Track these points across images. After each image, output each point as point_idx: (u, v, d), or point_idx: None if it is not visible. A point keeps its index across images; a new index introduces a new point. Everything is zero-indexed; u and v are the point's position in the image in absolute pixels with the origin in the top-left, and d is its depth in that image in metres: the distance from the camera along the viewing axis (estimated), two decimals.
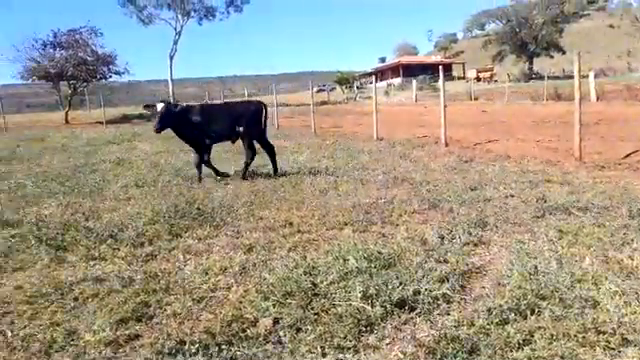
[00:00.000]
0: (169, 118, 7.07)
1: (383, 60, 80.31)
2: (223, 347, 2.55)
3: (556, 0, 55.69)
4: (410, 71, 60.59)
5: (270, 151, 7.88)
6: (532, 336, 2.47)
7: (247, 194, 6.09)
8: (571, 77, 8.72)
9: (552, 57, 56.09)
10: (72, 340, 2.70)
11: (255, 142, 7.70)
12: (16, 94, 61.39)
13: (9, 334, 2.84)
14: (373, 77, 16.47)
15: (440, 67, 12.32)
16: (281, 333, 2.72)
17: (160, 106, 7.10)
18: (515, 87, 40.44)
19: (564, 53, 54.10)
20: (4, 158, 11.59)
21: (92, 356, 2.54)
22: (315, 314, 2.91)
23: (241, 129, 7.45)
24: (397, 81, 62.22)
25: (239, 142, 7.64)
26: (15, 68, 37.20)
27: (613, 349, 2.35)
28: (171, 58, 49.55)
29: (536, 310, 2.74)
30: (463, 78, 57.79)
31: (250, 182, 7.04)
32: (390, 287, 3.06)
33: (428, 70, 55.68)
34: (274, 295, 3.14)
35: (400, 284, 3.13)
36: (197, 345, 2.55)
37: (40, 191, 6.95)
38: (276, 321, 2.85)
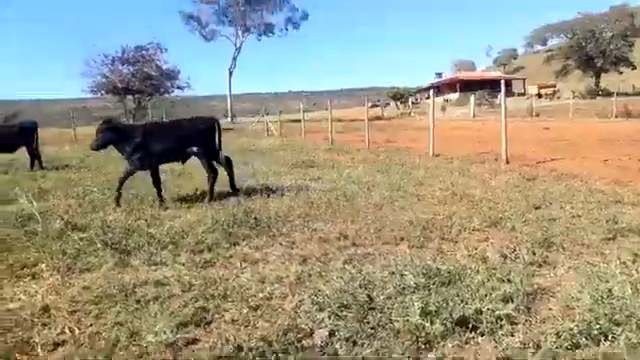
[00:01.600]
0: (109, 136, 6.79)
1: (440, 75, 79.07)
2: (280, 355, 2.55)
3: (625, 12, 52.94)
4: (468, 87, 59.33)
5: (228, 165, 7.46)
6: None
7: (302, 206, 6.13)
8: None
9: (621, 73, 53.26)
10: (134, 340, 2.79)
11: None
12: (85, 108, 65.48)
13: (77, 331, 2.98)
14: (431, 91, 16.20)
15: (502, 81, 11.98)
16: (337, 345, 2.70)
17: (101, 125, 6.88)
18: (580, 104, 38.64)
19: (634, 68, 51.24)
20: (74, 167, 12.28)
21: (153, 357, 2.62)
22: (371, 328, 2.86)
23: (194, 149, 7.08)
24: (454, 96, 61.11)
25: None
26: (86, 82, 39.62)
27: None
28: (230, 73, 51.30)
29: (610, 336, 2.56)
30: (523, 94, 55.93)
31: (304, 192, 7.06)
32: (451, 304, 2.96)
33: (486, 86, 54.35)
34: (329, 307, 3.12)
35: (461, 302, 3.02)
36: (254, 352, 2.57)
37: (105, 197, 7.31)
38: (332, 333, 2.83)
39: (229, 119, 48.20)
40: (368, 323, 2.92)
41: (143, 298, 3.43)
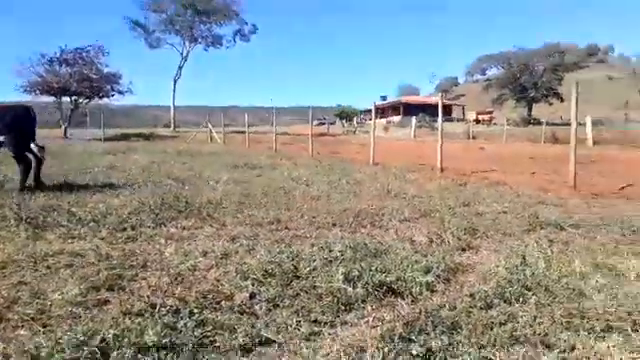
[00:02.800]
0: None
1: (384, 98, 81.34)
2: (195, 312, 2.45)
3: (557, 49, 57.07)
4: (410, 110, 61.29)
5: (37, 161, 6.80)
6: (515, 318, 2.38)
7: (237, 195, 6.03)
8: (569, 124, 8.81)
9: (551, 104, 56.95)
10: (38, 299, 2.59)
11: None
12: None
13: None
14: (373, 109, 16.58)
15: (439, 101, 12.49)
16: (257, 307, 2.63)
17: None
18: (513, 130, 40.89)
19: (562, 101, 55.03)
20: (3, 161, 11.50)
21: (57, 313, 2.43)
22: (295, 293, 2.82)
23: (1, 138, 6.55)
24: (397, 119, 62.92)
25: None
26: (19, 82, 37.35)
27: (597, 333, 2.26)
28: (175, 82, 50.14)
29: (521, 298, 2.65)
30: (463, 120, 58.53)
31: (241, 186, 6.96)
32: (373, 272, 2.98)
33: (428, 110, 56.43)
34: (254, 275, 3.05)
35: (384, 270, 3.05)
36: (167, 308, 2.45)
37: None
38: (253, 296, 2.76)
39: (171, 128, 47.00)
40: (292, 288, 2.87)
41: (54, 265, 3.21)
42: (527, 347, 2.11)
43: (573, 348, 2.12)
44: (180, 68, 50.06)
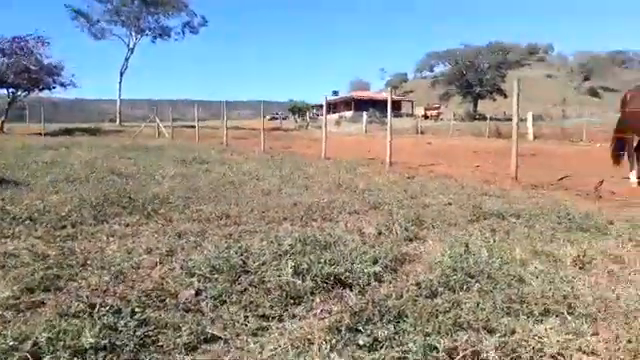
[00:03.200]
0: None
1: (336, 93, 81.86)
2: (137, 311, 2.36)
3: (501, 47, 59.44)
4: (362, 105, 62.04)
5: None
6: (459, 305, 2.44)
7: (184, 190, 5.88)
8: (512, 119, 9.19)
9: (495, 100, 59.33)
10: None
11: None
12: None
13: None
14: (324, 102, 16.62)
15: (389, 100, 12.68)
16: (203, 304, 2.56)
17: None
18: (459, 125, 42.26)
19: (506, 97, 57.41)
20: None
21: None
22: (243, 289, 2.77)
23: None
24: (349, 114, 63.49)
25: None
26: None
27: (536, 317, 2.36)
28: (121, 74, 48.27)
29: (465, 286, 2.73)
30: (412, 115, 59.87)
31: (189, 181, 6.80)
32: (322, 264, 2.98)
33: (378, 106, 57.30)
34: (200, 271, 2.97)
35: (333, 263, 3.05)
36: (107, 308, 2.34)
37: None
38: (199, 293, 2.69)
39: (117, 122, 45.28)
40: (240, 284, 2.82)
41: None
42: (470, 333, 2.17)
43: (513, 332, 2.20)
44: (127, 60, 48.26)
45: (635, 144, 8.41)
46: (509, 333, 2.18)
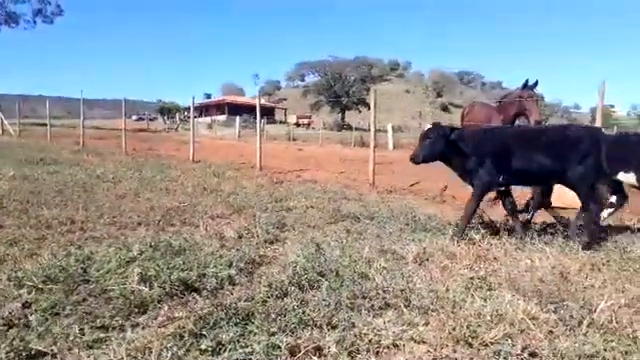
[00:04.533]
0: None
1: (209, 96, 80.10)
2: None
3: (366, 62, 63.35)
4: (235, 110, 61.34)
5: None
6: (306, 303, 2.52)
7: (24, 193, 5.24)
8: (376, 130, 9.84)
9: (360, 112, 62.95)
10: None
11: None
12: None
13: None
14: (191, 106, 16.03)
15: (257, 105, 12.75)
16: (31, 317, 2.29)
17: None
18: (329, 134, 44.06)
19: (370, 109, 61.31)
20: None
21: None
22: (81, 299, 2.55)
23: None
24: (222, 118, 62.41)
25: None
26: None
27: (375, 311, 2.53)
28: None
29: (315, 284, 2.83)
30: (285, 122, 60.86)
31: (32, 183, 6.08)
32: (172, 270, 2.86)
33: (253, 111, 57.21)
34: (31, 281, 2.66)
35: (186, 268, 2.95)
36: None
37: None
38: (27, 305, 2.41)
39: None
40: (77, 294, 2.59)
41: None
42: (314, 329, 2.25)
43: (354, 326, 2.33)
44: None
45: None
46: (349, 327, 2.30)
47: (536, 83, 5.51)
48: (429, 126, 4.56)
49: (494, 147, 4.39)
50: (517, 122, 5.72)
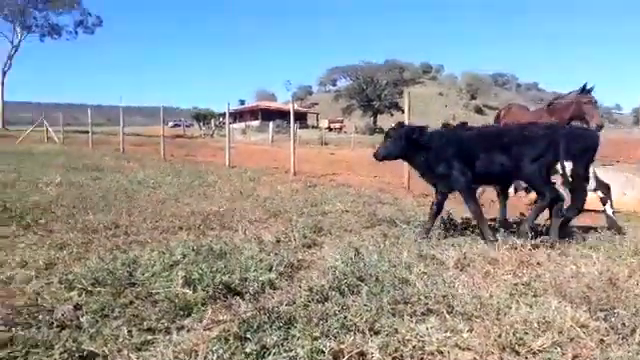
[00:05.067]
0: None
1: (243, 102, 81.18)
2: (1, 329, 2.13)
3: (397, 65, 62.90)
4: (268, 116, 62.02)
5: None
6: (347, 308, 2.52)
7: (71, 199, 5.45)
8: None
9: (392, 115, 62.46)
10: None
11: None
12: None
13: None
14: (226, 113, 16.28)
15: (291, 110, 12.83)
16: (83, 319, 2.38)
17: None
18: (360, 138, 43.93)
19: (403, 112, 60.67)
20: None
21: None
22: (128, 302, 2.63)
23: None
24: (255, 123, 63.17)
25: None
26: None
27: (418, 317, 2.51)
28: (4, 73, 43.54)
29: (355, 289, 2.83)
30: (316, 127, 61.08)
31: (77, 189, 6.32)
32: (215, 274, 2.91)
33: (285, 116, 57.72)
34: (81, 284, 2.77)
35: (228, 271, 3.00)
36: None
37: None
38: (78, 307, 2.50)
39: (0, 125, 40.74)
40: (125, 297, 2.67)
41: None
42: (356, 334, 2.24)
43: (396, 332, 2.32)
44: (10, 58, 43.62)
45: None
46: (392, 333, 2.29)
47: (592, 88, 5.44)
48: (392, 125, 4.77)
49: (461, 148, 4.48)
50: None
